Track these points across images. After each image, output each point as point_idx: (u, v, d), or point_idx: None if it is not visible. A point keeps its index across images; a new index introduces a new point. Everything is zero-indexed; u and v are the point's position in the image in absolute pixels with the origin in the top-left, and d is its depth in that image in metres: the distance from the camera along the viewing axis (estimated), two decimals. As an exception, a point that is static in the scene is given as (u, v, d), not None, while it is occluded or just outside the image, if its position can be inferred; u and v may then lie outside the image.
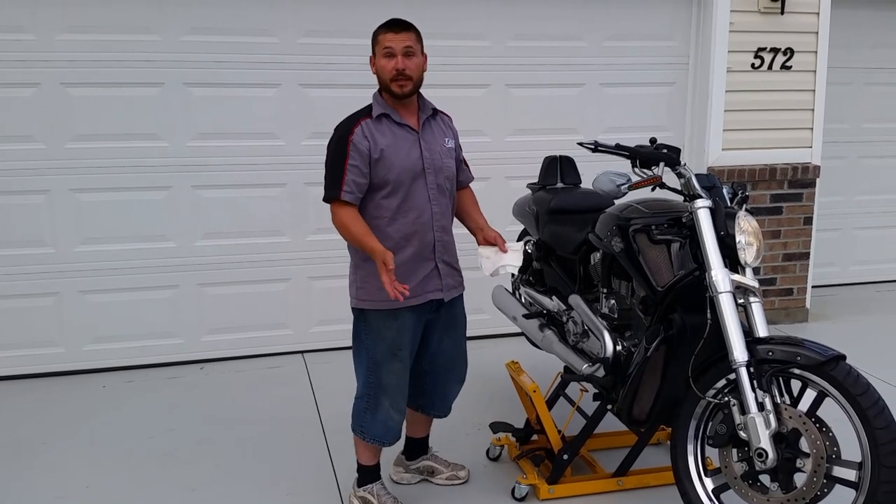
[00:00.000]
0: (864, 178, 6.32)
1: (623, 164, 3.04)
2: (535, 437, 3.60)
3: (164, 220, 4.70)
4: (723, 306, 2.76)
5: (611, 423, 3.39)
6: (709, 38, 5.19)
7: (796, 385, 2.77)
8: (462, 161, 3.26)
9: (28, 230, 4.55)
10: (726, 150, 5.31)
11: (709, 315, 2.81)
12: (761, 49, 5.24)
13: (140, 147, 4.59)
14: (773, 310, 5.53)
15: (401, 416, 3.15)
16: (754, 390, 2.67)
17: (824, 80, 5.39)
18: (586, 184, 3.68)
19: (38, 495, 3.40)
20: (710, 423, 2.87)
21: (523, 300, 3.99)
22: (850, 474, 2.59)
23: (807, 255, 5.58)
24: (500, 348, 4.83)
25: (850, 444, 2.62)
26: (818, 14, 5.29)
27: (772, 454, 2.63)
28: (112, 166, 4.58)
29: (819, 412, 2.69)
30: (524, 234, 4.13)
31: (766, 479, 2.75)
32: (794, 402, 2.76)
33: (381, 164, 2.93)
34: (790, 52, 5.28)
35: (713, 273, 2.78)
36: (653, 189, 3.00)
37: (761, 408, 2.66)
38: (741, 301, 2.84)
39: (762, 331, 2.81)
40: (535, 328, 3.69)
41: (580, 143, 3.10)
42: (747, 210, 2.93)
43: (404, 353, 3.06)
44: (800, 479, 2.66)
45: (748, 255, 2.85)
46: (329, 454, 3.72)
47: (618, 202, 3.24)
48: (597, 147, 3.03)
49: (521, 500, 3.31)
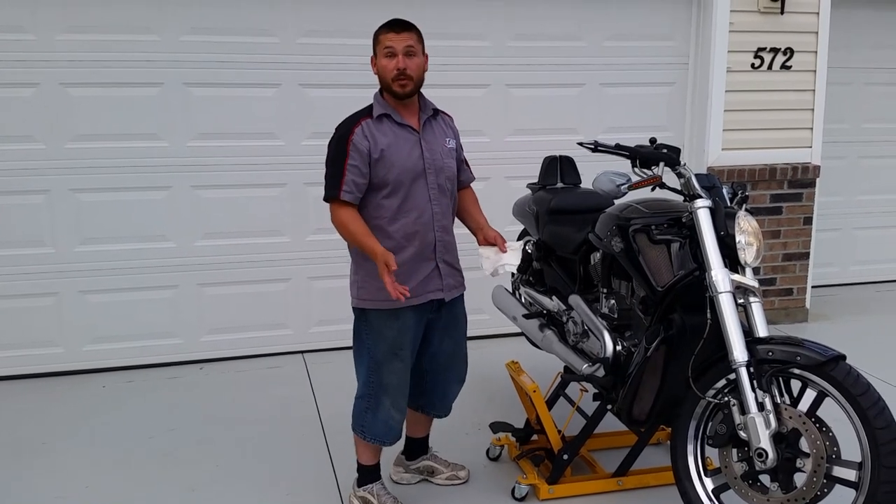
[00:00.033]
0: (864, 178, 6.32)
1: (623, 164, 3.04)
2: (535, 437, 3.59)
3: (164, 220, 4.70)
4: (723, 306, 2.76)
5: (611, 423, 3.39)
6: (709, 37, 5.19)
7: (796, 385, 2.77)
8: (463, 161, 3.26)
9: (28, 230, 4.55)
10: (726, 149, 5.31)
11: (709, 315, 2.80)
12: (761, 49, 5.24)
13: (140, 147, 4.60)
14: (773, 310, 5.53)
15: (401, 416, 3.15)
16: (754, 390, 2.67)
17: (824, 79, 5.39)
18: (586, 184, 3.68)
19: (38, 495, 3.40)
20: (710, 423, 2.87)
21: (523, 300, 3.99)
22: (850, 474, 2.59)
23: (807, 255, 5.58)
24: (500, 348, 4.83)
25: (850, 444, 2.62)
26: (818, 14, 5.29)
27: (772, 454, 2.63)
28: (112, 166, 4.58)
29: (819, 412, 2.69)
30: (524, 233, 4.13)
31: (766, 479, 2.74)
32: (794, 402, 2.76)
33: (382, 164, 2.93)
34: (790, 52, 5.28)
35: (713, 273, 2.78)
36: (653, 189, 3.00)
37: (761, 408, 2.66)
38: (741, 301, 2.83)
39: (762, 331, 2.81)
40: (535, 328, 3.69)
41: (580, 143, 3.10)
42: (747, 210, 2.93)
43: (405, 352, 3.06)
44: (800, 479, 2.66)
45: (748, 255, 2.85)
46: (329, 454, 3.72)
47: (618, 202, 3.24)
48: (597, 147, 3.03)
49: (521, 500, 3.31)
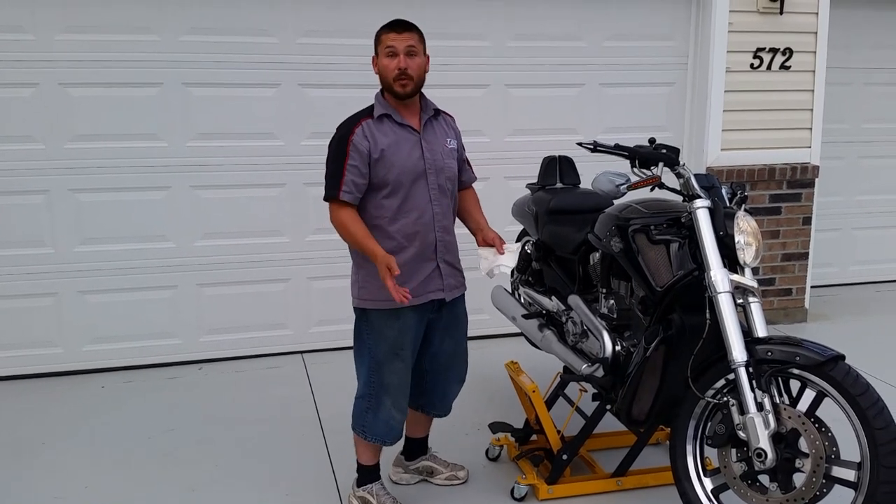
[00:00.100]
0: (864, 179, 6.32)
1: (622, 165, 3.04)
2: (534, 437, 3.60)
3: (164, 220, 4.70)
4: (722, 306, 2.76)
5: (610, 423, 3.39)
6: (708, 38, 5.19)
7: (795, 385, 2.78)
8: (465, 161, 3.26)
9: (27, 230, 4.54)
10: (725, 150, 5.31)
11: (708, 315, 2.81)
12: (760, 49, 5.24)
13: (139, 147, 4.59)
14: (772, 310, 5.53)
15: (402, 416, 3.15)
16: (753, 390, 2.67)
17: (823, 80, 5.39)
18: (585, 184, 3.68)
19: (38, 495, 3.40)
20: (709, 424, 2.87)
21: (523, 300, 3.99)
22: (850, 474, 2.59)
23: (806, 256, 5.58)
24: (499, 348, 4.83)
25: (850, 444, 2.62)
26: (817, 14, 5.29)
27: (771, 454, 2.63)
28: (111, 166, 4.58)
29: (818, 412, 2.69)
30: (523, 234, 4.13)
31: (765, 479, 2.75)
32: (794, 402, 2.76)
33: (382, 165, 2.93)
34: (789, 52, 5.28)
35: (712, 273, 2.79)
36: (652, 189, 3.00)
37: (760, 408, 2.66)
38: (740, 301, 2.84)
39: (761, 331, 2.81)
40: (535, 328, 3.69)
41: (579, 144, 3.10)
42: (746, 210, 2.92)
43: (406, 352, 3.06)
44: (799, 479, 2.66)
45: (747, 255, 2.85)
46: (328, 454, 3.72)
47: (617, 202, 3.24)
48: (596, 147, 3.03)
49: (521, 500, 3.31)
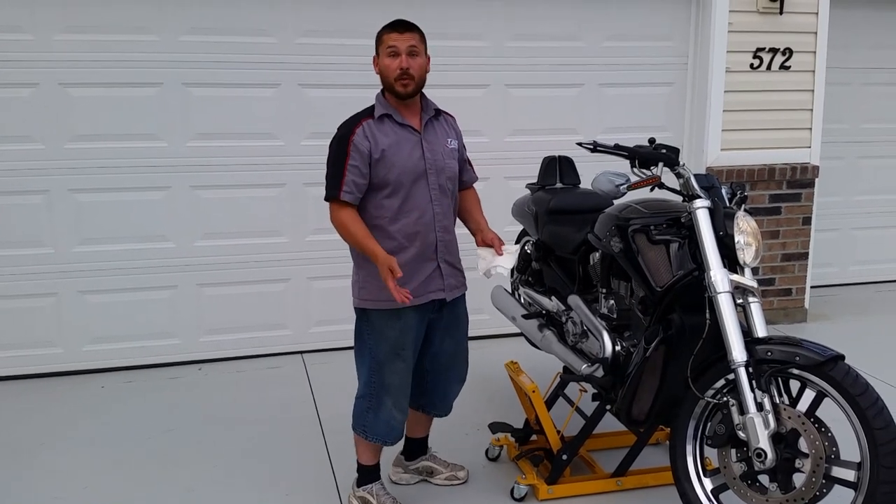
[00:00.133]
0: (863, 179, 6.32)
1: (622, 165, 3.04)
2: (534, 437, 3.59)
3: (163, 220, 4.70)
4: (722, 306, 2.76)
5: (610, 423, 3.39)
6: (707, 38, 5.19)
7: (795, 385, 2.78)
8: (466, 161, 3.27)
9: (27, 230, 4.54)
10: (725, 150, 5.31)
11: (708, 315, 2.81)
12: (760, 49, 5.25)
13: (139, 147, 4.59)
14: (772, 310, 5.53)
15: (403, 416, 3.15)
16: (753, 390, 2.67)
17: (823, 80, 5.39)
18: (585, 184, 3.68)
19: (37, 495, 3.40)
20: (708, 424, 2.87)
21: (522, 300, 3.99)
22: (849, 474, 2.59)
23: (805, 256, 5.59)
24: (499, 348, 4.83)
25: (849, 444, 2.62)
26: (817, 14, 5.29)
27: (770, 454, 2.63)
28: (111, 166, 4.58)
29: (818, 412, 2.69)
30: (523, 234, 4.13)
31: (764, 479, 2.75)
32: (793, 402, 2.76)
33: (382, 165, 2.94)
34: (789, 53, 5.28)
35: (712, 273, 2.79)
36: (652, 189, 3.00)
37: (760, 408, 2.66)
38: (740, 301, 2.84)
39: (761, 331, 2.81)
40: (535, 328, 3.69)
41: (579, 144, 3.10)
42: (746, 210, 2.92)
43: (407, 352, 3.06)
44: (799, 479, 2.66)
45: (747, 255, 2.85)
46: (328, 454, 3.72)
47: (617, 202, 3.24)
48: (595, 147, 3.03)
49: (521, 500, 3.31)
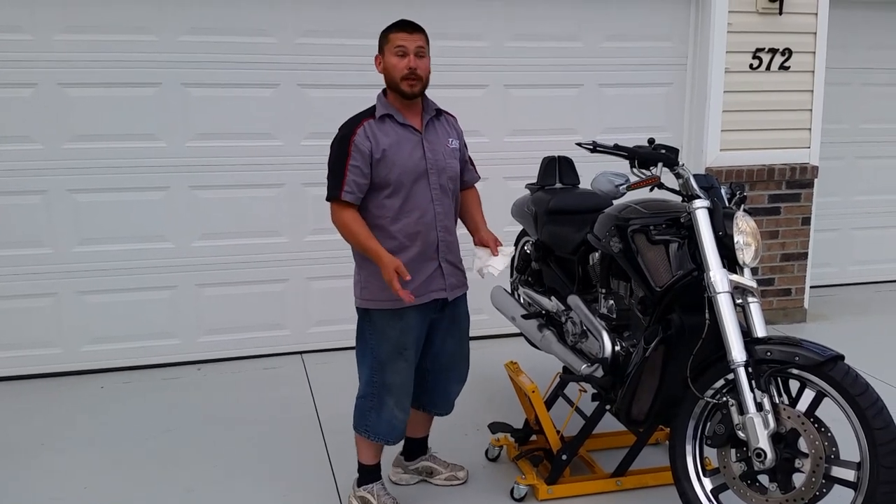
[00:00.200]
0: (862, 179, 6.32)
1: (621, 165, 3.04)
2: (533, 437, 3.59)
3: (162, 220, 4.70)
4: (721, 306, 2.76)
5: (609, 423, 3.39)
6: (707, 38, 5.19)
7: (795, 385, 2.77)
8: (468, 161, 3.27)
9: (26, 231, 4.54)
10: (724, 150, 5.31)
11: (707, 315, 2.81)
12: (759, 49, 5.25)
13: (138, 147, 4.59)
14: (772, 310, 5.53)
15: (405, 416, 3.15)
16: (753, 390, 2.67)
17: (822, 80, 5.39)
18: (585, 184, 3.68)
19: (36, 496, 3.40)
20: (708, 424, 2.87)
21: (522, 300, 3.99)
22: (849, 474, 2.59)
23: (805, 256, 5.59)
24: (499, 349, 4.82)
25: (849, 444, 2.62)
26: (816, 14, 5.29)
27: (770, 454, 2.63)
28: (110, 167, 4.58)
29: (818, 412, 2.69)
30: (523, 234, 4.13)
31: (764, 479, 2.75)
32: (793, 402, 2.76)
33: (383, 165, 2.94)
34: (788, 53, 5.29)
35: (711, 273, 2.79)
36: (651, 189, 3.00)
37: (760, 408, 2.66)
38: (739, 301, 2.84)
39: (760, 331, 2.81)
40: (534, 328, 3.69)
41: (578, 144, 3.10)
42: (745, 210, 2.93)
43: (409, 352, 3.07)
44: (798, 479, 2.66)
45: (746, 255, 2.85)
46: (328, 454, 3.72)
47: (616, 202, 3.24)
48: (595, 147, 3.03)
49: (520, 500, 3.31)
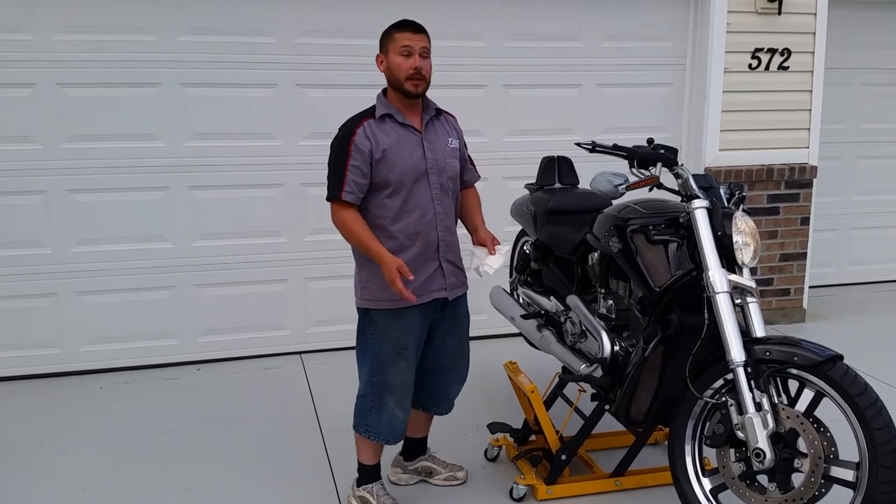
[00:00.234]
0: (862, 179, 6.32)
1: (621, 165, 3.05)
2: (533, 437, 3.60)
3: (162, 220, 4.70)
4: (720, 306, 2.76)
5: (609, 423, 3.39)
6: (706, 38, 5.20)
7: (794, 385, 2.78)
8: (468, 160, 3.27)
9: (25, 231, 4.54)
10: (723, 150, 5.31)
11: (706, 315, 2.81)
12: (758, 50, 5.25)
13: (137, 147, 4.59)
14: (771, 310, 5.53)
15: (405, 415, 3.15)
16: (752, 390, 2.67)
17: (821, 80, 5.39)
18: (584, 184, 3.68)
19: (36, 496, 3.40)
20: (707, 424, 2.88)
21: (521, 300, 3.99)
22: (848, 474, 2.59)
23: (804, 256, 5.59)
24: (499, 348, 4.82)
25: (848, 444, 2.62)
26: (815, 15, 5.29)
27: (769, 454, 2.63)
28: (109, 167, 4.58)
29: (817, 412, 2.69)
30: (522, 234, 4.13)
31: (763, 479, 2.75)
32: (792, 402, 2.76)
33: (383, 164, 2.94)
34: (787, 53, 5.29)
35: (710, 273, 2.79)
36: (650, 189, 3.00)
37: (759, 408, 2.66)
38: (738, 301, 2.84)
39: (759, 331, 2.81)
40: (534, 328, 3.69)
41: (578, 144, 3.10)
42: (744, 210, 2.93)
43: (410, 352, 3.07)
44: (797, 479, 2.67)
45: (745, 255, 2.85)
46: (327, 455, 3.72)
47: (615, 202, 3.24)
48: (594, 147, 3.03)
49: (520, 500, 3.31)
